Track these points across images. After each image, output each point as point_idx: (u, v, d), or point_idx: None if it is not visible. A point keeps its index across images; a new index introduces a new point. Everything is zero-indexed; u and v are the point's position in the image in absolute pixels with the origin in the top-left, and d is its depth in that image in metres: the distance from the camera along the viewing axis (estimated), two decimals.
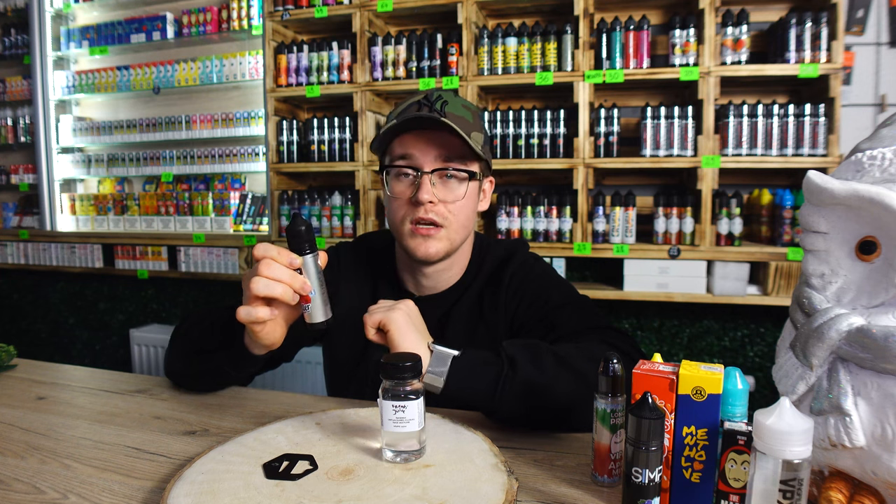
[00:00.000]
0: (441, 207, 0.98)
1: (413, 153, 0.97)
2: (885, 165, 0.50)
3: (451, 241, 1.01)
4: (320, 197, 2.58)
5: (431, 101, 0.97)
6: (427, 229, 0.98)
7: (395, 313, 0.83)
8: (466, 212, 1.02)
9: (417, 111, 0.96)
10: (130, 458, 0.77)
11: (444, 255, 1.01)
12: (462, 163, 0.99)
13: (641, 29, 2.19)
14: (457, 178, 0.99)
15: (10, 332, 3.44)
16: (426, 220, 0.97)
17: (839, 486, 0.51)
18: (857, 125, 2.23)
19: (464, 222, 1.02)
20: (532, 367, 0.81)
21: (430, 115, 0.93)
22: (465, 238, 1.05)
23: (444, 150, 0.97)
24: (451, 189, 0.99)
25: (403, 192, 0.99)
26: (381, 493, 0.63)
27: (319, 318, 0.80)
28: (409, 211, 0.99)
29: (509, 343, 0.85)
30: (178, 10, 2.96)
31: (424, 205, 0.97)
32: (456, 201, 0.99)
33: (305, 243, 0.78)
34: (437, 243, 0.99)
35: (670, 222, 2.19)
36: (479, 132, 1.00)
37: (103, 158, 3.14)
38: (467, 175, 0.99)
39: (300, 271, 0.78)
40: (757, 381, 2.34)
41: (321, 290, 0.79)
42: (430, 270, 1.06)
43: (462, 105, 1.00)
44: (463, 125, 0.96)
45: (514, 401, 0.80)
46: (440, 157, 0.97)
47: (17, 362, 1.21)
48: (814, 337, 0.51)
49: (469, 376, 0.81)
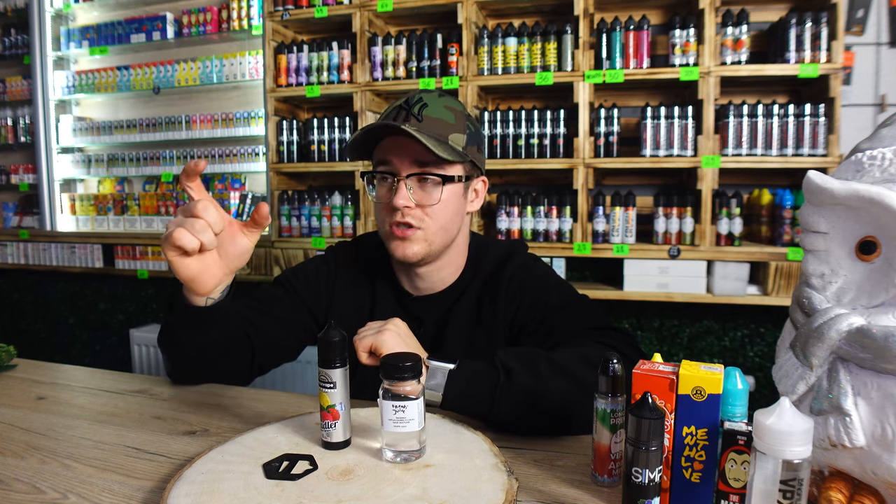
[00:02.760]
0: (417, 211, 0.99)
1: (390, 158, 0.99)
2: (885, 165, 0.50)
3: (430, 243, 1.02)
4: (320, 197, 2.58)
5: (411, 104, 0.98)
6: (403, 231, 1.00)
7: (385, 335, 0.84)
8: (446, 215, 1.02)
9: (396, 116, 0.98)
10: (130, 458, 0.77)
11: (423, 257, 1.02)
12: (438, 167, 0.99)
13: (641, 29, 2.18)
14: (433, 182, 1.00)
15: (10, 332, 3.44)
16: (402, 222, 0.99)
17: (839, 486, 0.51)
18: (857, 125, 2.23)
19: (443, 225, 1.02)
20: (527, 375, 0.81)
21: (394, 125, 0.94)
22: (446, 241, 1.04)
23: (417, 155, 0.98)
24: (428, 193, 1.00)
25: (384, 196, 1.01)
26: (381, 493, 0.63)
27: (342, 437, 0.74)
28: (389, 214, 1.01)
29: (504, 351, 0.85)
30: (178, 10, 2.96)
31: (400, 209, 0.98)
32: (432, 205, 1.00)
33: (337, 356, 0.73)
34: (413, 245, 1.00)
35: (670, 222, 2.19)
36: (460, 133, 1.00)
37: (103, 158, 3.14)
38: (444, 179, 1.00)
39: (334, 385, 0.73)
40: (757, 381, 2.34)
41: (349, 407, 0.75)
42: (422, 271, 1.07)
43: (445, 106, 1.00)
44: (440, 128, 0.97)
45: (510, 409, 0.81)
46: (416, 162, 0.98)
47: (17, 362, 1.21)
48: (814, 337, 0.51)
49: (465, 388, 0.82)
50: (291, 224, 2.62)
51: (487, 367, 0.84)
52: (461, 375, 0.83)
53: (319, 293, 1.13)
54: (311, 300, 1.12)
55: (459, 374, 0.83)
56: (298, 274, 1.14)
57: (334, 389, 0.73)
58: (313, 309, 1.12)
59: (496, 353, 0.85)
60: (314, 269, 1.15)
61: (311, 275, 1.14)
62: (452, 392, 0.82)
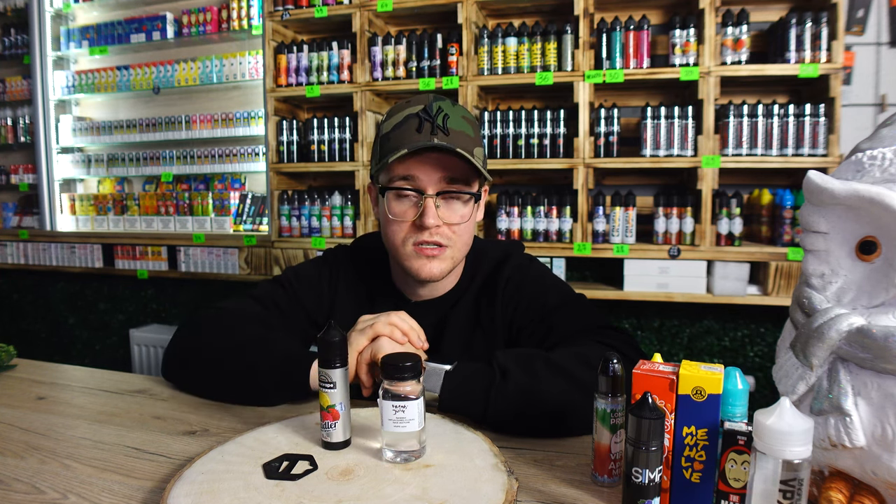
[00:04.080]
0: (445, 229, 0.97)
1: (417, 175, 0.95)
2: (886, 165, 0.50)
3: (454, 260, 1.01)
4: (320, 197, 2.58)
5: (432, 115, 0.93)
6: (432, 250, 0.97)
7: (382, 341, 0.86)
8: (470, 231, 1.02)
9: (418, 128, 0.93)
10: (130, 458, 0.77)
11: (446, 274, 1.01)
12: (466, 184, 0.97)
13: (641, 29, 2.18)
14: (461, 200, 0.98)
15: (10, 332, 3.44)
16: (432, 241, 0.96)
17: (839, 486, 0.51)
18: (857, 125, 2.23)
19: (467, 241, 1.02)
20: (523, 375, 0.81)
21: (443, 145, 0.91)
22: (465, 255, 1.05)
23: (447, 171, 0.95)
24: (455, 210, 0.98)
25: (405, 213, 0.97)
26: (381, 493, 0.63)
27: (342, 437, 0.74)
28: (412, 233, 0.97)
29: (502, 352, 0.86)
30: (178, 10, 2.96)
31: (430, 229, 0.95)
32: (461, 223, 0.98)
33: (337, 356, 0.73)
34: (440, 264, 0.98)
35: (670, 222, 2.19)
36: (479, 146, 0.99)
37: (103, 158, 3.14)
38: (471, 196, 0.98)
39: (333, 385, 0.73)
40: (757, 381, 2.34)
41: (349, 407, 0.75)
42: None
43: (462, 117, 0.97)
44: (465, 142, 0.94)
45: (506, 409, 0.81)
46: (444, 179, 0.95)
47: (17, 362, 1.21)
48: (814, 337, 0.51)
49: (461, 388, 0.83)
50: (291, 224, 2.62)
51: (483, 368, 0.84)
52: (457, 375, 0.83)
53: (321, 296, 1.12)
54: (311, 303, 1.11)
55: (455, 375, 0.83)
56: (301, 277, 1.12)
57: (334, 389, 0.73)
58: (312, 313, 1.11)
59: (494, 354, 0.85)
60: (316, 272, 1.13)
61: (313, 278, 1.12)
62: (448, 392, 0.83)
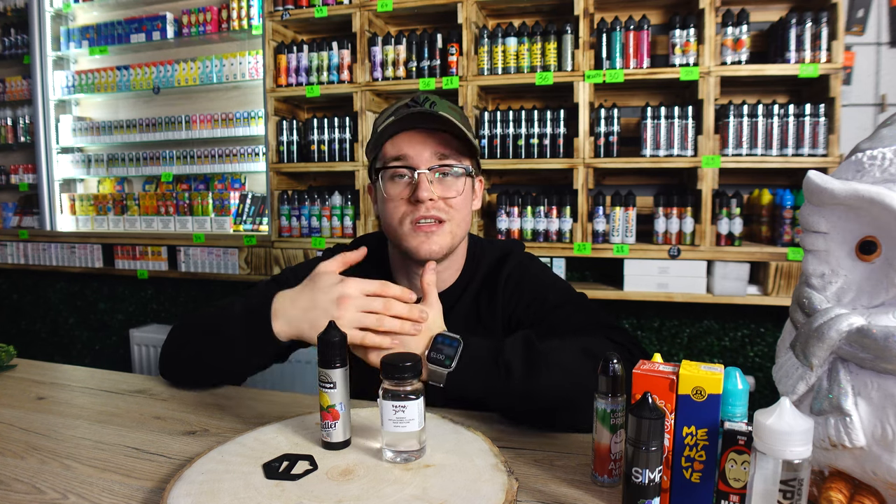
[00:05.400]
0: (441, 203, 0.98)
1: (407, 153, 0.97)
2: (886, 165, 0.50)
3: (454, 236, 1.01)
4: (320, 197, 2.58)
5: (420, 102, 0.97)
6: (429, 226, 0.98)
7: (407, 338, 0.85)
8: (467, 207, 1.02)
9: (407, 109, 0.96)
10: (130, 458, 0.77)
11: (447, 252, 1.01)
12: (457, 159, 0.99)
13: (641, 29, 2.18)
14: (453, 175, 1.00)
15: (10, 332, 3.44)
16: (429, 216, 0.97)
17: (839, 486, 0.51)
18: (857, 125, 2.23)
19: (465, 216, 1.02)
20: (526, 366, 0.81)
21: (430, 111, 0.94)
22: (465, 234, 1.05)
23: (438, 147, 0.97)
24: (449, 185, 0.99)
25: (400, 192, 0.99)
26: (381, 493, 0.63)
27: (342, 437, 0.75)
28: (409, 211, 0.98)
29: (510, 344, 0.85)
30: (177, 10, 2.96)
31: (425, 203, 0.96)
32: (456, 196, 0.99)
33: (337, 356, 0.73)
34: (440, 239, 0.98)
35: (670, 222, 2.19)
36: (469, 131, 1.01)
37: (103, 158, 3.14)
38: (463, 170, 1.00)
39: (333, 385, 0.73)
40: (757, 381, 2.34)
41: (349, 407, 0.76)
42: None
43: (449, 106, 1.00)
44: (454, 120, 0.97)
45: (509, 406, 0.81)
46: (435, 154, 0.97)
47: (17, 362, 1.21)
48: (814, 337, 0.51)
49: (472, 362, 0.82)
50: (291, 224, 2.62)
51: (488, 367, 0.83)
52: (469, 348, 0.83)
53: None
54: None
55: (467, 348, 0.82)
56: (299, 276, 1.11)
57: (334, 389, 0.73)
58: None
59: (500, 349, 0.84)
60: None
61: None
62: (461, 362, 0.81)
